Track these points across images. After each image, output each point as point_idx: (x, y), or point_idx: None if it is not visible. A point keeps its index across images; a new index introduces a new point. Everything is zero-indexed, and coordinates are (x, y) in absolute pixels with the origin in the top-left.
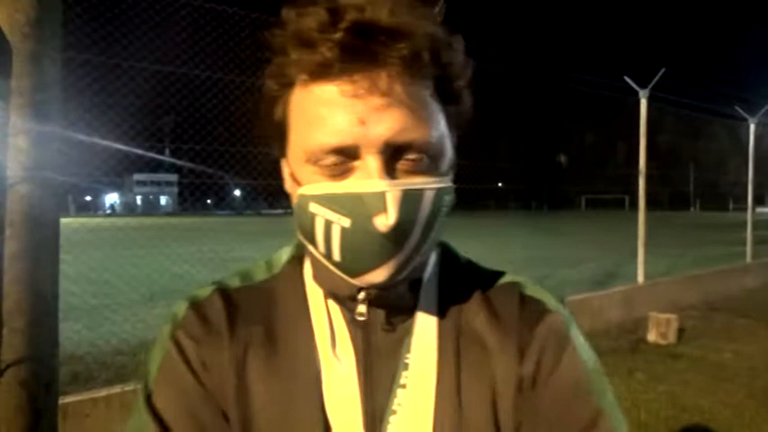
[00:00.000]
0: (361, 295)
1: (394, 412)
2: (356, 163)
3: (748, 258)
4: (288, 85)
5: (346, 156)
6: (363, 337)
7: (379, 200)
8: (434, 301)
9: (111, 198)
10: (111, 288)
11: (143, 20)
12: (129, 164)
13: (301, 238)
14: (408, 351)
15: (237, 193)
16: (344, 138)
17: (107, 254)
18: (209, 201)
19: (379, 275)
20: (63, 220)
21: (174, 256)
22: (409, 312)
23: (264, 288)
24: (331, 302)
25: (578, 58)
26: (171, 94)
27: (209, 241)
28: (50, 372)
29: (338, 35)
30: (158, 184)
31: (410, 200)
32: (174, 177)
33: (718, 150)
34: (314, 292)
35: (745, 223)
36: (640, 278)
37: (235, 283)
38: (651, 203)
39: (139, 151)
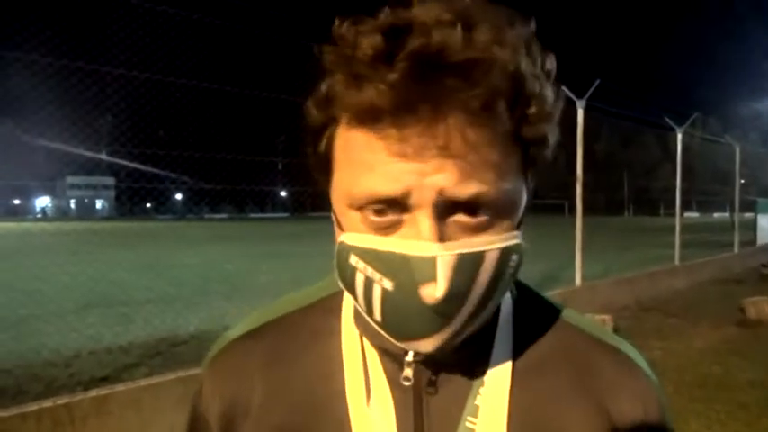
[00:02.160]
0: (409, 357)
1: None
2: (405, 216)
3: (676, 261)
4: (331, 118)
5: (394, 208)
6: (410, 393)
7: (428, 266)
8: (509, 357)
9: (43, 201)
10: (41, 297)
11: (79, 17)
12: (63, 166)
13: (341, 284)
14: (474, 415)
15: (179, 196)
16: (393, 188)
17: (37, 261)
18: (148, 205)
19: (426, 345)
20: None
21: (111, 263)
22: (467, 369)
23: (290, 322)
24: (369, 349)
25: None
26: (108, 94)
27: (149, 247)
28: None
29: (393, 75)
30: (94, 187)
31: (467, 265)
32: (111, 181)
33: (650, 158)
34: (349, 336)
35: (673, 227)
36: (578, 281)
37: (261, 319)
38: (588, 209)
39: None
